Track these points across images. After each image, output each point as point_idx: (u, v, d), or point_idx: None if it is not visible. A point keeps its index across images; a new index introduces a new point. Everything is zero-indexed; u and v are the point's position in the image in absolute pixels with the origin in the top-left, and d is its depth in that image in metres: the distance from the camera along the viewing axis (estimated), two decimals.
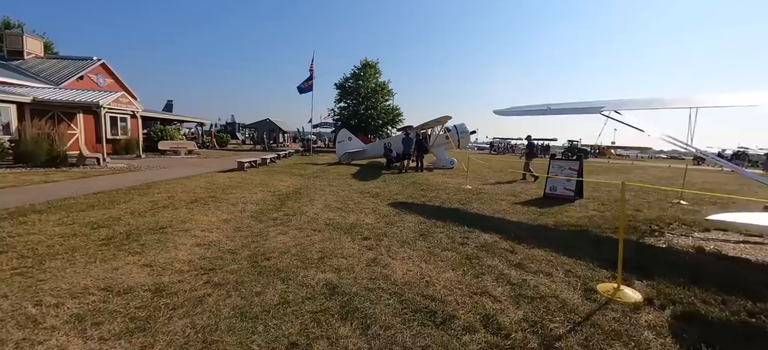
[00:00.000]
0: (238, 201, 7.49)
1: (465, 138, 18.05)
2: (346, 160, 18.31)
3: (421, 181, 11.90)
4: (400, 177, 13.10)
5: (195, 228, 5.25)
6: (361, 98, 33.03)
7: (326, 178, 11.92)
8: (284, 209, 6.84)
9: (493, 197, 9.11)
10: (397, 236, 5.24)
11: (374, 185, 10.61)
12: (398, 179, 12.36)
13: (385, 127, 33.55)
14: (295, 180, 11.17)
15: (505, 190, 10.47)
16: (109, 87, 24.25)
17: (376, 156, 18.59)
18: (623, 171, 21.79)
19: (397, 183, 11.18)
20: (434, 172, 15.55)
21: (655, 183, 14.57)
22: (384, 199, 8.31)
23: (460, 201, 8.41)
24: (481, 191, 10.09)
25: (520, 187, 11.18)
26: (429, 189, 10.06)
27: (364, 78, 33.20)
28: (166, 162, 16.21)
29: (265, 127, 40.18)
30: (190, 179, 10.60)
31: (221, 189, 8.82)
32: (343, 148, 18.33)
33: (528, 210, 7.52)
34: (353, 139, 18.72)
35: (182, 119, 28.11)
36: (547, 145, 48.85)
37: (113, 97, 15.93)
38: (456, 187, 10.73)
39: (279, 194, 8.51)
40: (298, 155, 24.21)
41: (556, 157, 9.33)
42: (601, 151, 49.66)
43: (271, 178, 11.37)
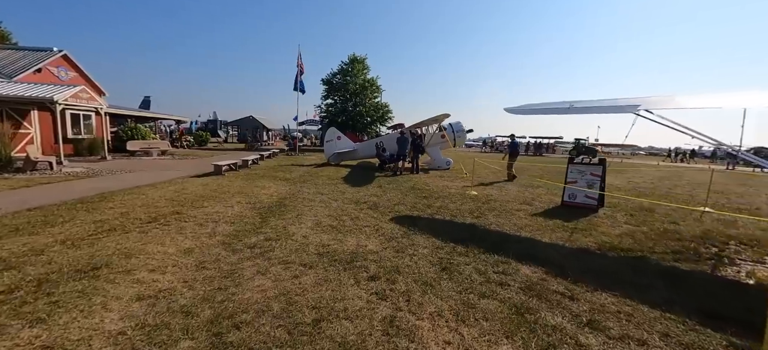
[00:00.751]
0: (209, 218, 6.08)
1: (461, 137, 16.96)
2: (334, 161, 16.94)
3: (420, 186, 10.70)
4: (395, 180, 11.87)
5: (142, 267, 3.86)
6: (349, 95, 31.54)
7: (315, 183, 10.56)
8: (266, 229, 5.50)
9: (506, 206, 8.00)
10: (414, 272, 4.00)
11: (370, 192, 9.34)
12: (395, 183, 11.13)
13: (374, 124, 32.19)
14: (280, 187, 9.77)
15: (513, 196, 9.38)
16: (73, 81, 21.95)
17: (367, 156, 17.28)
18: (618, 170, 21.25)
19: (395, 189, 9.94)
20: (430, 173, 14.39)
21: (656, 184, 13.87)
22: (384, 212, 7.06)
23: (471, 213, 7.24)
24: (490, 198, 8.97)
25: (527, 193, 10.13)
26: (432, 197, 8.87)
27: (352, 74, 31.69)
28: (135, 164, 14.44)
29: (248, 125, 38.22)
30: (156, 187, 9.06)
31: (190, 201, 7.37)
32: (332, 148, 16.94)
33: (553, 225, 6.42)
34: (342, 138, 17.35)
35: (157, 116, 25.98)
36: (553, 144, 46.84)
37: (71, 91, 14.03)
38: (461, 194, 9.58)
39: (260, 207, 7.13)
40: (283, 155, 22.62)
41: (575, 161, 8.24)
42: None
43: (252, 185, 9.92)
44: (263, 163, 16.39)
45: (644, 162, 34.03)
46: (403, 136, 14.12)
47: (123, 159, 16.52)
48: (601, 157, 8.30)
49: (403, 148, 13.90)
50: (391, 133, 19.25)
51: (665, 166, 28.11)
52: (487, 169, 16.59)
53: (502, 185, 11.48)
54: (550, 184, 11.85)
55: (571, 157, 9.47)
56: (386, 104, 32.74)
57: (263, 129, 38.28)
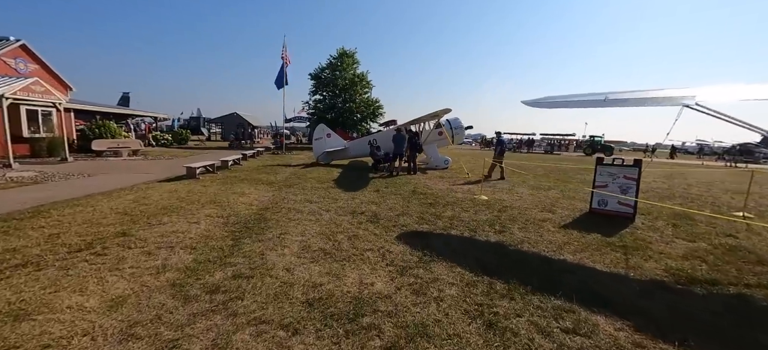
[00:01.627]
0: (164, 242, 4.64)
1: (459, 134, 15.75)
2: (324, 161, 15.50)
3: (421, 189, 9.42)
4: (393, 182, 10.55)
5: (34, 344, 2.44)
6: (338, 90, 29.97)
7: (303, 188, 9.14)
8: (236, 259, 4.10)
9: (526, 215, 6.80)
10: (449, 336, 2.70)
11: (367, 198, 7.99)
12: (392, 186, 9.81)
13: (364, 121, 30.74)
14: (262, 193, 8.32)
15: (529, 201, 8.20)
16: (33, 74, 19.82)
17: (359, 155, 15.92)
18: None
19: (395, 194, 8.62)
20: (429, 173, 13.14)
21: (668, 184, 12.99)
22: (388, 226, 5.74)
23: (491, 225, 5.99)
24: (504, 205, 7.76)
25: (542, 197, 8.98)
26: (439, 204, 7.59)
27: (341, 68, 30.13)
28: (99, 167, 12.69)
29: (232, 122, 36.18)
30: (112, 196, 7.49)
31: (147, 216, 5.88)
32: (321, 147, 15.49)
33: (595, 242, 5.23)
34: (332, 135, 15.91)
35: (130, 113, 23.88)
36: (566, 141, 42.90)
37: (20, 84, 12.16)
38: (470, 199, 8.34)
39: (235, 222, 5.70)
40: (269, 154, 20.99)
41: (604, 162, 7.09)
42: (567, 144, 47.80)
43: (230, 191, 8.45)
44: (246, 164, 14.81)
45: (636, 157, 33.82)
46: (400, 133, 12.81)
47: (88, 160, 14.67)
48: (636, 158, 7.16)
49: (399, 146, 12.59)
50: (386, 130, 17.90)
51: (658, 162, 27.66)
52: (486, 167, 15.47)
53: (507, 187, 10.31)
54: (562, 186, 10.75)
55: (595, 156, 8.30)
56: (377, 100, 31.34)
57: (249, 126, 36.32)
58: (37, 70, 20.39)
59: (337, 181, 10.59)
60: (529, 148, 39.48)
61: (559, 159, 27.30)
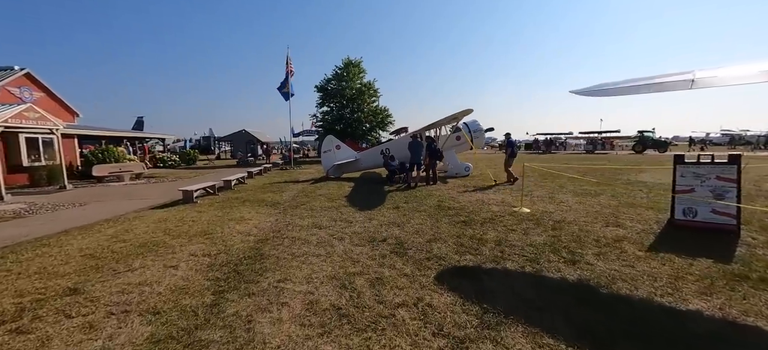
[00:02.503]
0: (120, 303, 3.35)
1: (479, 137, 14.31)
2: (334, 174, 14.23)
3: (447, 202, 7.98)
4: (413, 195, 9.15)
5: None
6: (345, 101, 28.92)
7: (311, 209, 7.82)
8: (210, 334, 2.76)
9: (589, 231, 5.31)
10: None
11: (386, 218, 6.61)
12: (413, 200, 8.41)
13: (373, 130, 29.53)
14: (264, 218, 7.03)
15: (582, 213, 6.68)
16: (39, 101, 19.34)
17: (372, 166, 14.58)
18: (645, 165, 18.61)
19: (418, 210, 7.22)
20: (449, 182, 11.69)
21: None
22: (419, 260, 4.33)
23: (554, 250, 4.52)
24: (554, 219, 6.27)
25: (594, 204, 7.45)
26: (474, 222, 6.15)
27: (347, 78, 29.11)
28: (96, 194, 11.69)
29: (241, 140, 35.47)
30: (90, 231, 6.30)
31: (117, 260, 4.62)
32: (330, 160, 14.23)
33: (711, 272, 3.71)
34: (342, 147, 14.65)
35: (136, 136, 23.20)
36: (609, 138, 36.97)
37: (10, 111, 11.28)
38: (508, 212, 6.87)
39: (222, 264, 4.38)
40: (276, 170, 19.88)
41: (685, 161, 5.55)
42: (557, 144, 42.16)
43: (227, 216, 7.19)
44: (251, 182, 13.63)
45: (628, 155, 31.17)
46: (416, 140, 11.44)
47: (88, 187, 13.72)
48: (731, 154, 5.60)
49: (416, 154, 11.21)
50: (400, 138, 16.55)
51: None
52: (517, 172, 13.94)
53: (546, 194, 8.79)
54: (609, 190, 9.17)
55: (673, 154, 6.73)
56: (385, 108, 30.16)
57: (257, 143, 35.53)
58: (43, 98, 19.91)
59: (350, 198, 9.24)
60: (548, 149, 36.94)
61: (596, 158, 24.74)
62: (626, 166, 16.20)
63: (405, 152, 12.26)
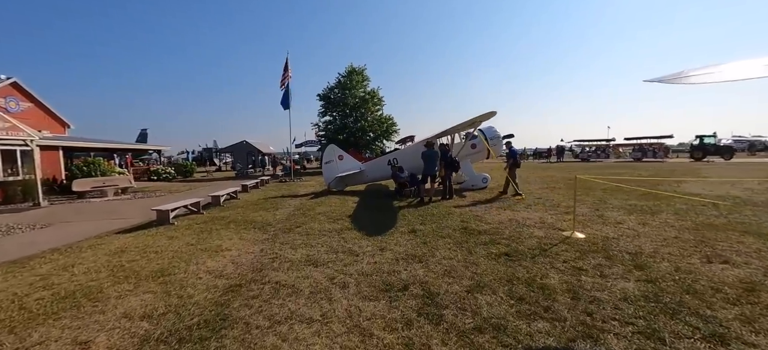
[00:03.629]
0: None
1: (496, 144, 12.76)
2: (336, 187, 12.71)
3: (474, 224, 6.40)
4: (429, 213, 7.59)
5: None
6: (348, 109, 27.58)
7: (307, 234, 6.27)
8: None
9: (686, 272, 3.72)
10: None
11: (402, 248, 5.04)
12: (431, 220, 6.85)
13: (378, 140, 28.11)
14: (245, 247, 5.49)
15: (657, 240, 5.09)
16: (27, 112, 18.14)
17: (378, 178, 13.06)
18: (688, 175, 16.90)
19: (440, 235, 5.65)
20: (467, 196, 10.13)
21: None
22: (465, 332, 2.75)
23: (665, 309, 2.93)
24: (626, 249, 4.68)
25: (663, 227, 5.85)
26: (520, 255, 4.57)
27: (351, 86, 27.84)
28: (69, 211, 10.21)
29: (242, 150, 34.15)
30: (22, 267, 4.79)
31: (20, 323, 3.09)
32: (333, 171, 12.72)
33: None
34: (345, 157, 13.15)
35: (126, 148, 21.84)
36: (657, 145, 32.08)
37: None
38: (557, 238, 5.29)
39: (163, 336, 2.83)
40: (276, 182, 18.41)
41: None
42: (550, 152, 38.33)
43: (201, 245, 5.66)
44: (245, 197, 12.12)
45: (623, 163, 29.21)
46: (431, 148, 9.92)
47: (66, 203, 12.27)
48: None
49: (431, 164, 9.69)
50: (409, 146, 14.99)
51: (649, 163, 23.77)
52: (535, 180, 12.33)
53: (593, 213, 7.20)
54: (663, 205, 7.55)
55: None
56: (390, 117, 28.77)
57: (259, 154, 34.20)
58: (31, 108, 18.72)
59: (355, 217, 7.68)
60: (560, 157, 34.92)
61: (650, 168, 21.51)
62: (652, 177, 14.54)
63: (416, 162, 10.75)
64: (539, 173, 18.01)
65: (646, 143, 32.82)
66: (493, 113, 8.71)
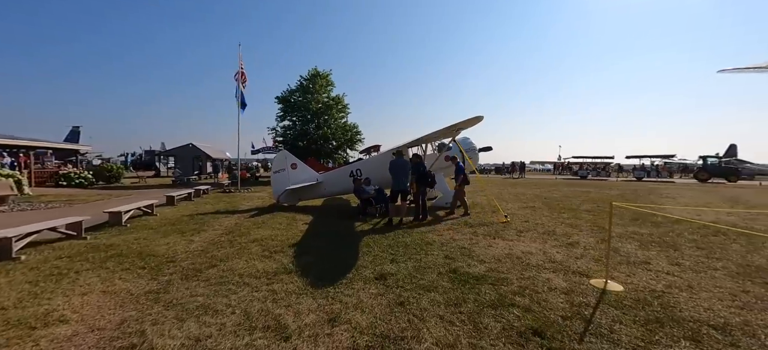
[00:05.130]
0: None
1: (473, 158, 11.36)
2: (287, 201, 10.47)
3: (464, 262, 4.62)
4: (399, 241, 5.72)
5: None
6: (310, 114, 25.23)
7: (219, 280, 4.07)
8: None
9: None
10: None
11: (366, 315, 3.08)
12: (404, 253, 4.98)
13: (341, 148, 26.01)
14: (99, 313, 3.18)
15: (706, 288, 3.65)
16: None
17: (339, 192, 11.02)
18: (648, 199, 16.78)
19: (422, 285, 3.78)
20: (441, 216, 8.45)
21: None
22: None
23: None
24: (687, 315, 3.14)
25: (709, 271, 4.48)
26: (548, 326, 2.83)
27: (314, 90, 25.60)
28: None
29: (187, 155, 30.13)
30: None
31: None
32: (283, 182, 10.45)
33: None
34: (300, 166, 10.95)
35: (31, 145, 17.64)
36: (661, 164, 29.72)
37: None
38: (583, 288, 3.66)
39: None
40: (217, 192, 15.55)
41: None
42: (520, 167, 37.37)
43: (30, 304, 3.26)
44: (167, 212, 9.41)
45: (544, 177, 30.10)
46: (401, 158, 8.12)
47: None
48: None
49: (401, 178, 7.86)
50: (376, 156, 13.08)
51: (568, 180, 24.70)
52: (509, 197, 11.01)
53: (624, 246, 5.78)
54: (688, 237, 6.35)
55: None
56: (355, 125, 26.89)
57: (207, 159, 30.41)
58: None
59: (301, 249, 5.56)
60: (522, 173, 34.69)
61: (659, 189, 18.32)
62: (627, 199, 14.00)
63: (383, 174, 8.90)
64: (510, 189, 17.03)
65: (648, 163, 30.71)
66: (480, 118, 7.14)
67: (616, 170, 34.18)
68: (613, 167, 34.17)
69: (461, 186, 8.91)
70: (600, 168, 32.88)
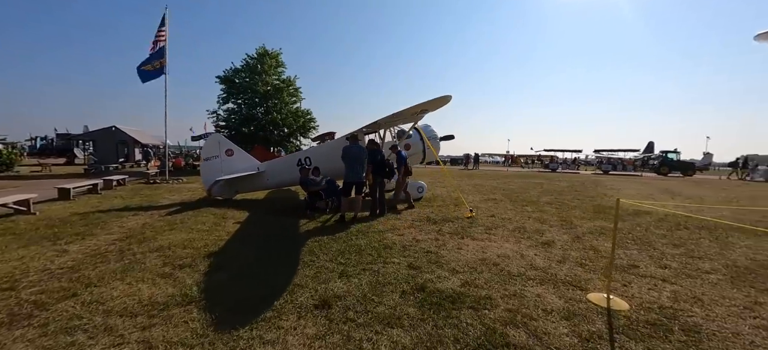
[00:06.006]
0: None
1: (435, 146, 10.51)
2: (220, 194, 8.79)
3: (432, 277, 3.63)
4: (353, 246, 4.61)
5: None
6: (258, 98, 22.75)
7: (63, 335, 2.62)
8: None
9: None
10: None
11: None
12: (356, 261, 3.87)
13: (293, 136, 23.94)
14: None
15: (718, 300, 3.09)
16: None
17: (285, 183, 9.54)
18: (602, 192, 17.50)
19: (377, 315, 2.70)
20: (402, 213, 7.48)
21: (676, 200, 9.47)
22: None
23: None
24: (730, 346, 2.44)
25: (684, 275, 3.99)
26: None
27: (262, 71, 23.09)
28: None
29: (109, 139, 25.84)
30: None
31: None
32: (214, 171, 8.70)
33: None
34: (237, 152, 9.22)
35: None
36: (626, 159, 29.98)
37: None
38: (585, 309, 2.86)
39: None
40: (141, 184, 13.07)
41: None
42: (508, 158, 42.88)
43: None
44: (56, 210, 7.23)
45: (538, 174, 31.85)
46: (356, 144, 6.92)
47: None
48: None
49: (356, 167, 6.68)
50: (330, 143, 11.60)
51: (552, 175, 26.50)
52: (469, 189, 10.41)
53: (639, 255, 5.20)
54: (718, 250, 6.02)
55: None
56: (308, 111, 24.94)
57: (133, 144, 26.41)
58: None
59: (221, 257, 4.18)
60: (476, 164, 35.30)
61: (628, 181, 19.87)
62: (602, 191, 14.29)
63: (335, 164, 7.65)
64: (467, 181, 16.71)
65: (612, 156, 32.18)
66: (448, 98, 6.19)
67: (584, 164, 34.99)
68: (580, 161, 35.17)
69: (404, 178, 7.92)
70: (570, 161, 33.47)
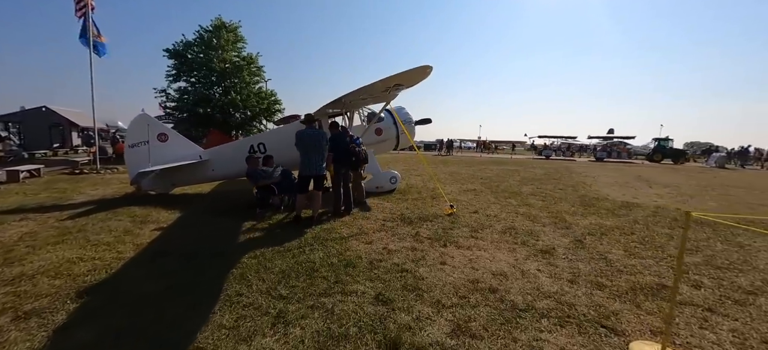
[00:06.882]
0: None
1: (410, 131, 9.37)
2: (153, 188, 7.21)
3: (409, 319, 2.55)
4: (304, 263, 3.41)
5: None
6: (214, 76, 20.35)
7: None
8: None
9: None
10: None
11: None
12: (304, 287, 2.70)
13: (255, 120, 21.87)
14: None
15: None
16: None
17: (233, 174, 7.99)
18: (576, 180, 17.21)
19: None
20: (369, 205, 6.35)
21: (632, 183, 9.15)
22: None
23: None
24: None
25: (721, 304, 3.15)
26: None
27: (218, 47, 20.61)
28: None
29: (39, 122, 22.47)
30: None
31: None
32: (141, 161, 7.03)
33: None
34: (172, 138, 7.56)
35: None
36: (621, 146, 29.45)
37: None
38: None
39: None
40: (62, 173, 10.94)
41: None
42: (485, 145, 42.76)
43: None
44: None
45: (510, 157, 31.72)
46: (313, 128, 5.59)
47: None
48: None
49: (315, 156, 5.37)
50: (288, 127, 9.95)
51: (519, 159, 26.77)
52: (446, 178, 9.45)
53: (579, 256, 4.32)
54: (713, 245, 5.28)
55: None
56: (273, 92, 22.87)
57: (70, 128, 23.15)
58: None
59: (105, 291, 2.80)
60: (449, 151, 34.74)
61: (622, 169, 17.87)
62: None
63: (291, 152, 6.26)
64: (443, 168, 15.84)
65: (609, 143, 31.31)
66: (427, 69, 5.01)
67: (578, 151, 34.22)
68: (574, 147, 33.95)
69: (358, 167, 6.59)
70: (564, 148, 32.53)
